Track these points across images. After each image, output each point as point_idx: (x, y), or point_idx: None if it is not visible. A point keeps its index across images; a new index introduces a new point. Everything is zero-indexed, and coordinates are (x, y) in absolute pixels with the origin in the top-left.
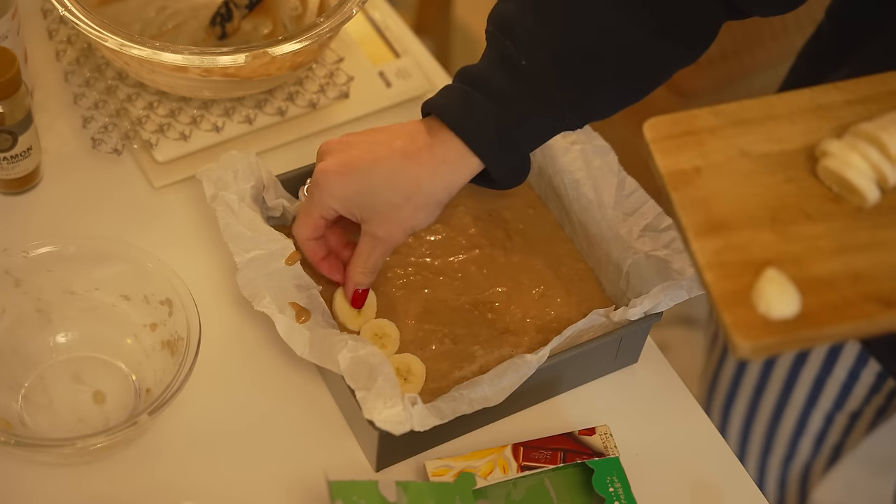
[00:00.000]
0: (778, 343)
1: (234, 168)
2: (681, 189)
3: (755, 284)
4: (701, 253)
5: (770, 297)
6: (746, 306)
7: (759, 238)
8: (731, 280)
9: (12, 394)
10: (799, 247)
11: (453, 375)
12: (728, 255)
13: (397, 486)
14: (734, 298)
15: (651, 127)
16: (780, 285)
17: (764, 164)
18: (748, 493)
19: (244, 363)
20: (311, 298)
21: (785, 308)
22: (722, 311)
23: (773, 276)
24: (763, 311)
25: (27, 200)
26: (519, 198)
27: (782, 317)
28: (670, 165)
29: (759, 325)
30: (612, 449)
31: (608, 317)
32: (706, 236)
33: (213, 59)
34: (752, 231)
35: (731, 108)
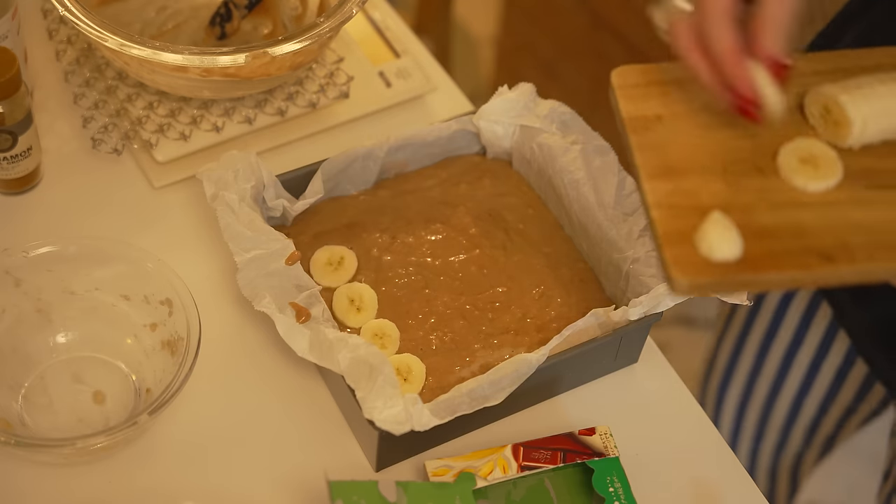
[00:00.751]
0: (715, 283)
1: (235, 168)
2: (640, 133)
3: (700, 226)
4: (651, 193)
5: (712, 239)
6: (689, 245)
7: (710, 186)
8: (678, 220)
9: (12, 394)
10: (747, 197)
11: (453, 375)
12: (677, 197)
13: (397, 486)
14: (678, 237)
15: (619, 74)
16: (724, 228)
17: (725, 118)
18: (748, 493)
19: (244, 363)
20: (311, 298)
21: (726, 250)
22: (664, 248)
23: (717, 218)
24: (705, 251)
25: (27, 200)
26: (519, 198)
27: (723, 258)
28: (632, 111)
29: (698, 263)
30: (612, 449)
31: (608, 317)
32: (658, 178)
33: (213, 59)
34: (704, 179)
35: None
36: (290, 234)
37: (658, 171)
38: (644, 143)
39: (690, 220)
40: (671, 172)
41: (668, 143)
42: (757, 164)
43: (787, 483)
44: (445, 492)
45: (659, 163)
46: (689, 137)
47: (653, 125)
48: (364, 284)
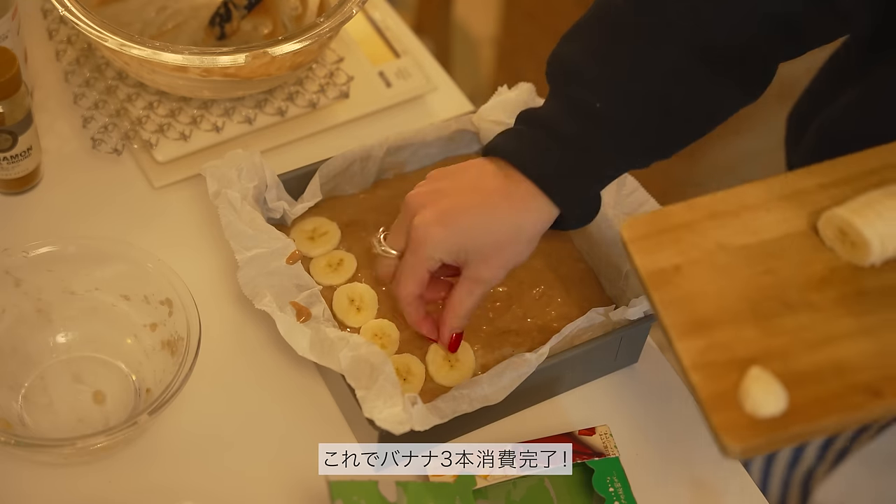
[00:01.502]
0: (767, 442)
1: (239, 166)
2: (661, 288)
3: (741, 384)
4: (686, 354)
5: (756, 397)
6: (733, 407)
7: (743, 334)
8: (717, 381)
9: (12, 394)
10: (782, 340)
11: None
12: (712, 354)
13: (397, 486)
14: (721, 399)
15: (628, 227)
16: (766, 383)
17: (742, 256)
18: (748, 493)
19: (244, 363)
20: (311, 297)
21: (772, 406)
22: (709, 414)
23: (757, 374)
24: (750, 410)
25: (27, 200)
26: None
27: (770, 415)
28: (649, 265)
29: (747, 425)
30: (612, 449)
31: (607, 316)
32: (690, 336)
33: (213, 59)
34: (735, 327)
35: (704, 202)
36: (289, 234)
37: (688, 329)
38: (668, 299)
39: (730, 378)
40: (701, 327)
41: (692, 294)
42: (785, 300)
43: (798, 493)
44: (445, 492)
45: (687, 319)
46: (712, 284)
47: (672, 277)
48: (364, 284)
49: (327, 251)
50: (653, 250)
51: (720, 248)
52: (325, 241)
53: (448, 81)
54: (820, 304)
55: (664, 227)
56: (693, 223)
